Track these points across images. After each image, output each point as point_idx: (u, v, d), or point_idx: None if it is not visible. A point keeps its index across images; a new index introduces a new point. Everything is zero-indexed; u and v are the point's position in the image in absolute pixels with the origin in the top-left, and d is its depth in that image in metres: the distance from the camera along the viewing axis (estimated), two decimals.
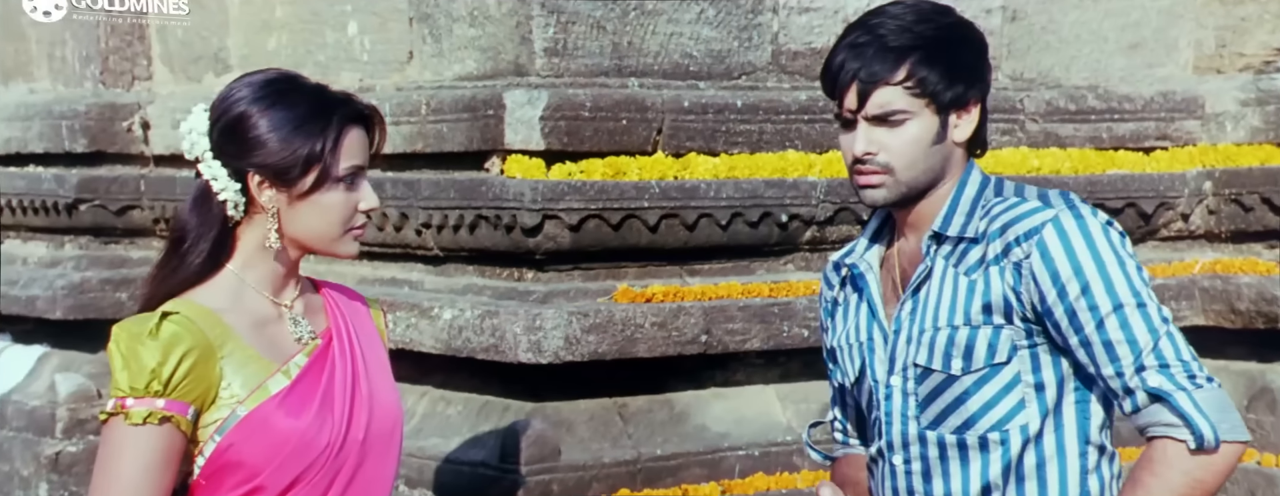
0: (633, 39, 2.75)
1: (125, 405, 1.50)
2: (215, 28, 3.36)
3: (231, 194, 1.56)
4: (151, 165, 3.45)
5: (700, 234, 2.72)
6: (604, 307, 2.62)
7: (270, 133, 1.54)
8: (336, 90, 1.60)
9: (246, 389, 1.53)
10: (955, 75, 1.55)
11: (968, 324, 1.54)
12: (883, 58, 1.53)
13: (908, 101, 1.54)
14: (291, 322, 1.60)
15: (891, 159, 1.54)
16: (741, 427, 2.80)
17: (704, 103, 2.76)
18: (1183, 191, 3.14)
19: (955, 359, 1.54)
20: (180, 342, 1.50)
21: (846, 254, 1.67)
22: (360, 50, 3.06)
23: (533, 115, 2.62)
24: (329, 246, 1.58)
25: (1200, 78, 3.29)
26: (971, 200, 1.58)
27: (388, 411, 1.63)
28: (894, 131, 1.54)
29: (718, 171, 2.72)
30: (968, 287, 1.54)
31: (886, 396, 1.59)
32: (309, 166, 1.54)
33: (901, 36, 1.53)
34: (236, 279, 1.57)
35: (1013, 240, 1.53)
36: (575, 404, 2.69)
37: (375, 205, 1.58)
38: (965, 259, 1.56)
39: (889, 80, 1.53)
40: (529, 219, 2.59)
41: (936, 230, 1.57)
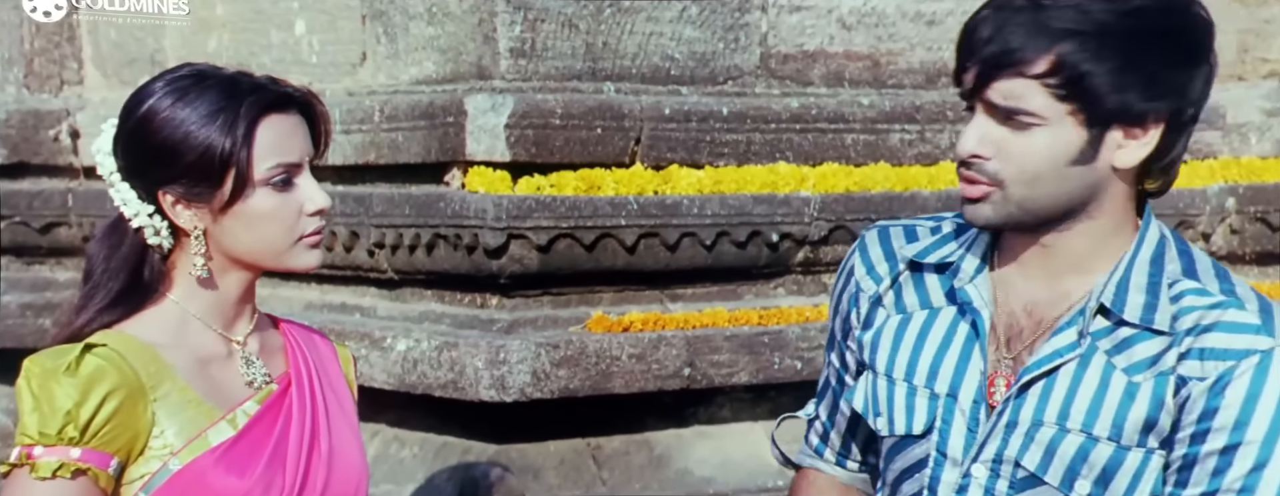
0: (608, 39, 2.58)
1: (32, 454, 1.30)
2: (150, 27, 3.15)
3: (145, 219, 1.36)
4: (81, 178, 3.27)
5: (682, 255, 2.55)
6: (576, 338, 2.44)
7: (171, 140, 1.33)
8: (259, 76, 1.37)
9: (182, 438, 1.34)
10: (1129, 80, 1.15)
11: (1115, 439, 1.19)
12: (1028, 33, 1.15)
13: (1044, 103, 1.16)
14: (243, 362, 1.40)
15: (1003, 168, 1.18)
16: (728, 471, 2.61)
17: (686, 110, 2.60)
18: (1203, 209, 2.98)
19: (1083, 480, 1.19)
20: (103, 380, 1.30)
21: (944, 260, 1.27)
22: (309, 51, 2.87)
23: (497, 123, 2.44)
24: (279, 261, 1.37)
25: (1220, 86, 3.13)
26: (1149, 269, 1.21)
27: (350, 472, 1.42)
28: (1016, 135, 1.18)
29: (702, 186, 2.56)
30: (1126, 391, 1.19)
31: (960, 488, 1.24)
32: (222, 172, 1.33)
33: (1066, 12, 1.15)
34: (179, 310, 1.38)
35: (1197, 349, 1.18)
36: (544, 445, 2.51)
37: (324, 205, 1.37)
38: (1131, 350, 1.20)
39: (1025, 69, 1.16)
40: (492, 239, 2.41)
41: (1106, 305, 1.20)
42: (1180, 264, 1.23)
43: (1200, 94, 1.21)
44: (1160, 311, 1.20)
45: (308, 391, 1.41)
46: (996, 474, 1.23)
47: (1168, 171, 1.22)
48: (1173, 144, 1.20)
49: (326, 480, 1.39)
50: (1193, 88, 1.20)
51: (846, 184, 2.67)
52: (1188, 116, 1.21)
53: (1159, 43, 1.17)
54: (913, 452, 1.28)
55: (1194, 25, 1.20)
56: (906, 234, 1.32)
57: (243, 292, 1.40)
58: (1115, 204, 1.22)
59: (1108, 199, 1.21)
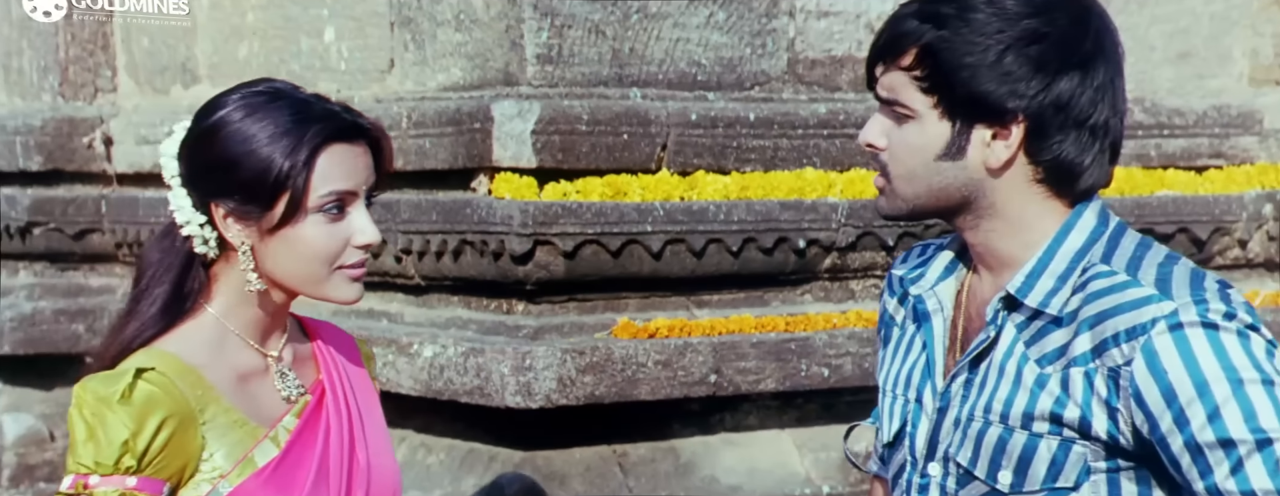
0: (634, 45, 2.58)
1: (89, 484, 1.30)
2: (182, 35, 3.18)
3: (195, 228, 1.35)
4: (114, 185, 3.29)
5: (709, 261, 2.53)
6: (602, 344, 2.43)
7: (232, 154, 1.32)
8: (334, 102, 1.37)
9: (230, 461, 1.34)
10: (987, 76, 1.16)
11: (1027, 428, 1.19)
12: (898, 30, 1.19)
13: (913, 95, 1.19)
14: (278, 376, 1.40)
15: (889, 162, 1.23)
16: (754, 479, 2.59)
17: (713, 115, 2.58)
18: (1240, 215, 2.93)
19: (1004, 470, 1.20)
20: (157, 409, 1.30)
21: (916, 272, 1.31)
22: (337, 58, 2.88)
23: (524, 129, 2.43)
24: (316, 290, 1.36)
25: (1257, 90, 3.09)
26: (1072, 257, 1.20)
27: (386, 480, 1.42)
28: (897, 127, 1.22)
29: (728, 191, 2.55)
30: (1037, 381, 1.19)
31: (922, 487, 1.26)
32: (275, 194, 1.32)
33: (945, 7, 1.17)
34: (218, 324, 1.37)
35: (1111, 337, 1.15)
36: (569, 452, 2.50)
37: (374, 240, 1.35)
38: (1043, 341, 1.20)
39: (897, 62, 1.19)
40: (519, 245, 2.40)
41: (1011, 293, 1.21)
42: (1104, 250, 1.21)
43: (1075, 98, 1.18)
44: (1059, 297, 1.19)
45: (341, 400, 1.41)
46: (946, 471, 1.24)
47: (1068, 173, 1.20)
48: (1048, 146, 1.18)
49: (366, 491, 1.39)
50: (1059, 89, 1.17)
51: (874, 190, 2.64)
52: (1062, 120, 1.18)
53: (1029, 43, 1.17)
54: (896, 459, 1.31)
55: (1076, 30, 1.19)
56: (918, 251, 1.35)
57: (279, 310, 1.39)
58: (1018, 202, 1.21)
59: (1005, 197, 1.21)
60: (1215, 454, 1.13)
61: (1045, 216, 1.22)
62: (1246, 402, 1.12)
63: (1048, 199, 1.22)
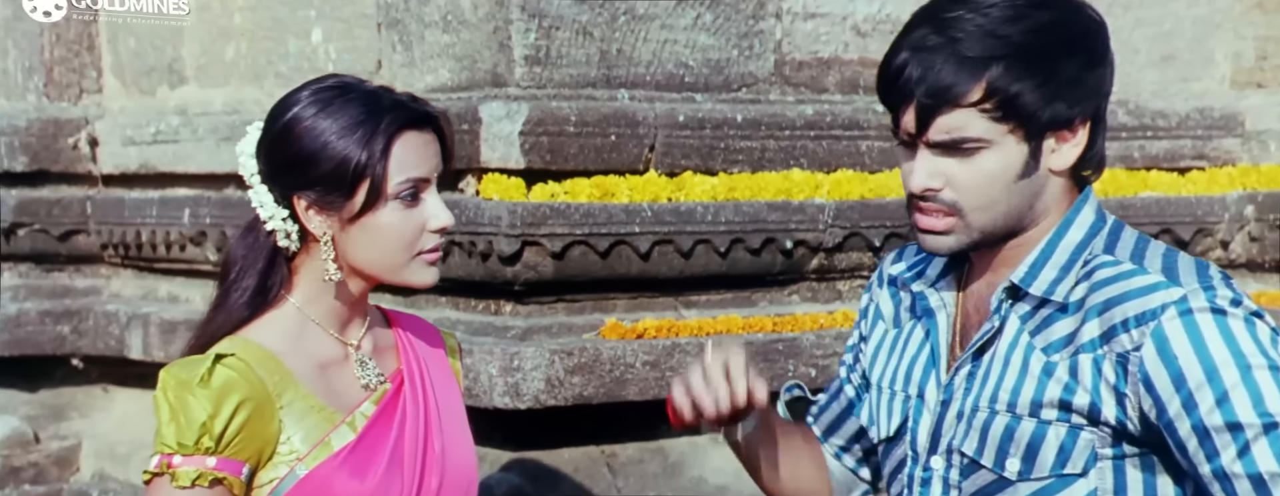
0: (622, 46, 2.58)
1: (172, 463, 1.36)
2: (169, 36, 3.17)
3: (278, 223, 1.41)
4: (99, 185, 3.28)
5: (697, 262, 2.54)
6: (590, 345, 2.43)
7: (310, 149, 1.38)
8: (399, 92, 1.42)
9: (307, 444, 1.38)
10: (1055, 90, 1.19)
11: (1036, 416, 1.21)
12: (955, 69, 1.20)
13: (985, 127, 1.20)
14: (358, 365, 1.44)
15: (960, 197, 1.22)
16: (742, 479, 2.58)
17: (701, 117, 2.59)
18: (1223, 216, 2.96)
19: (1012, 458, 1.22)
20: (234, 392, 1.36)
21: (914, 272, 1.33)
22: (325, 59, 2.88)
23: (511, 130, 2.44)
24: (396, 275, 1.41)
25: (1239, 93, 3.12)
26: (1073, 249, 1.24)
27: (463, 471, 1.45)
28: (965, 162, 1.22)
29: (716, 193, 2.55)
30: (1044, 369, 1.21)
31: (924, 481, 1.28)
32: (355, 183, 1.37)
33: (983, 41, 1.19)
34: (299, 314, 1.42)
35: (1120, 323, 1.18)
36: (558, 453, 2.50)
37: (448, 223, 1.41)
38: (1048, 330, 1.22)
39: (960, 101, 1.20)
40: (507, 245, 2.40)
41: (1016, 283, 1.24)
42: (1105, 242, 1.24)
43: (1110, 88, 1.26)
44: (1064, 285, 1.22)
45: (419, 390, 1.44)
46: (950, 463, 1.26)
47: (1100, 161, 1.26)
48: (1098, 137, 1.24)
49: (441, 480, 1.41)
50: (1106, 84, 1.24)
51: (861, 191, 2.66)
52: (1105, 110, 1.25)
53: (1070, 51, 1.22)
54: (895, 454, 1.33)
55: (1094, 28, 1.25)
56: (914, 249, 1.36)
57: (359, 299, 1.43)
58: (1055, 200, 1.25)
59: (1051, 200, 1.25)
60: (1223, 437, 1.15)
61: (1058, 205, 1.26)
62: (1254, 387, 1.14)
63: (1070, 191, 1.26)
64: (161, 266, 3.14)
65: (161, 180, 3.14)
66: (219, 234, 2.90)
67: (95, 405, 3.23)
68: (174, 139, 3.09)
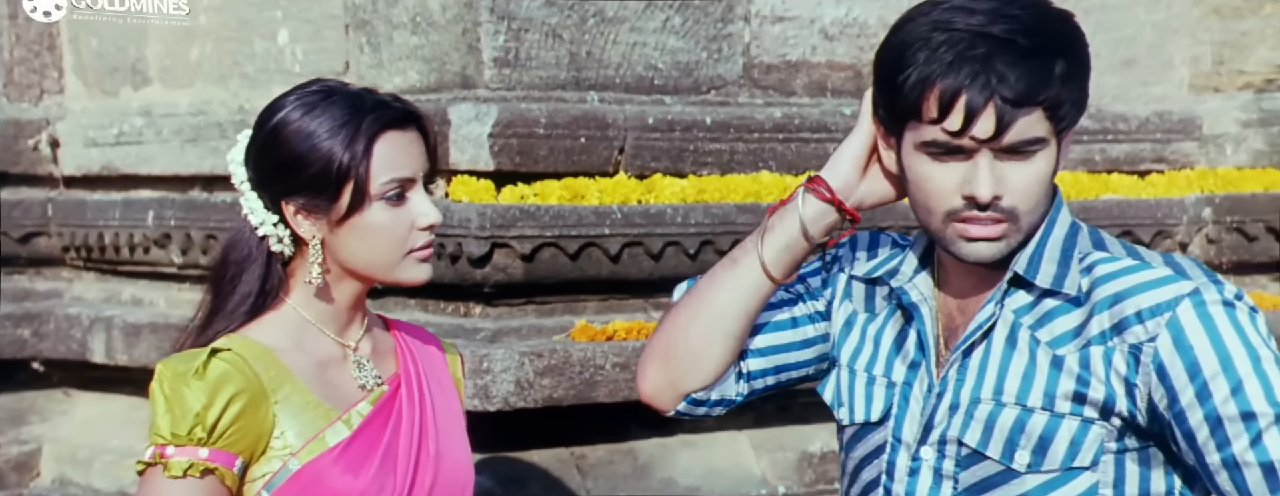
0: (592, 49, 2.58)
1: (165, 454, 1.36)
2: (132, 36, 3.14)
3: (270, 228, 1.42)
4: (61, 187, 3.24)
5: (667, 263, 2.55)
6: (560, 347, 2.43)
7: (295, 153, 1.39)
8: (382, 93, 1.43)
9: (301, 439, 1.39)
10: (1085, 88, 1.22)
11: (1049, 409, 1.22)
12: (1029, 70, 1.17)
13: (1044, 128, 1.19)
14: (355, 366, 1.45)
15: (1017, 202, 1.21)
16: (711, 480, 2.61)
17: (670, 119, 2.60)
18: (1181, 218, 3.00)
19: (1022, 450, 1.22)
20: (229, 384, 1.36)
21: (884, 269, 1.32)
22: (292, 60, 2.86)
23: (481, 132, 2.43)
24: (389, 274, 1.42)
25: (1197, 97, 3.17)
26: (1062, 245, 1.25)
27: (457, 473, 1.47)
28: (1023, 165, 1.20)
29: (686, 194, 2.56)
30: (1053, 363, 1.22)
31: (912, 471, 1.28)
32: (340, 185, 1.38)
33: (1035, 37, 1.17)
34: (297, 316, 1.43)
35: (1133, 315, 1.20)
36: (527, 455, 2.50)
37: (436, 220, 1.42)
38: (1052, 323, 1.24)
39: (1037, 100, 1.18)
40: (476, 248, 2.40)
41: (1020, 273, 1.24)
42: (1090, 240, 1.27)
43: None
44: (1070, 278, 1.23)
45: (417, 392, 1.44)
46: (943, 454, 1.26)
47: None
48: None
49: (434, 480, 1.42)
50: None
51: None
52: None
53: (1085, 48, 1.24)
54: (872, 439, 1.32)
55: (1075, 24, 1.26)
56: (866, 242, 1.38)
57: (354, 300, 1.44)
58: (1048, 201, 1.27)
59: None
60: (1235, 426, 1.17)
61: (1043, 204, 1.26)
62: (1265, 378, 1.17)
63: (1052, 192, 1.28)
64: (125, 269, 3.11)
65: (125, 182, 3.11)
66: (184, 236, 2.88)
67: (56, 409, 3.19)
68: (138, 140, 3.05)
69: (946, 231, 1.24)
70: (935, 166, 1.22)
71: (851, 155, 1.33)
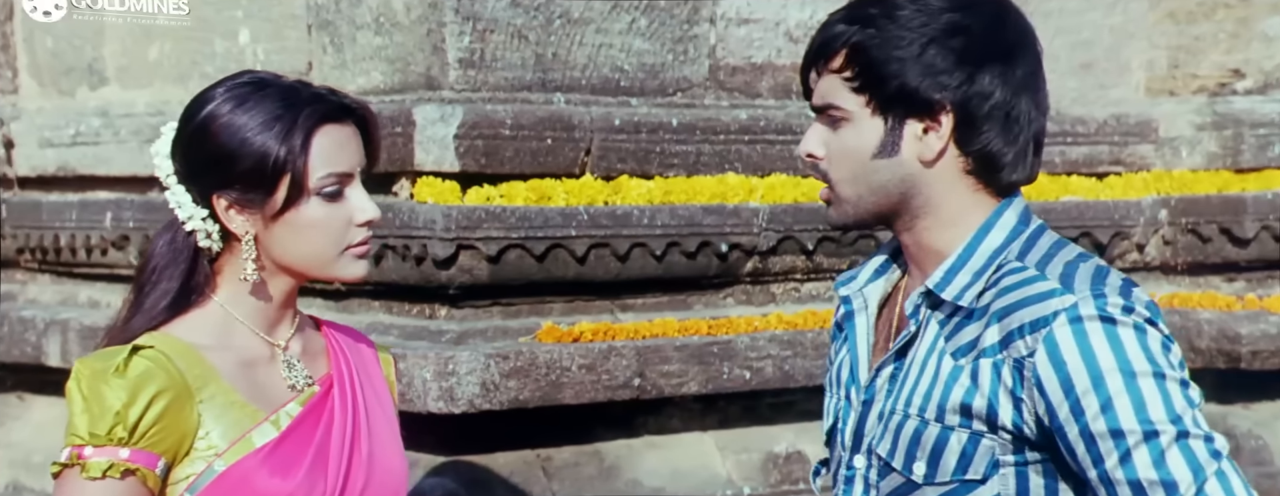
0: (558, 50, 2.58)
1: (82, 455, 1.31)
2: (89, 35, 3.09)
3: (199, 223, 1.37)
4: (15, 188, 3.19)
5: (633, 265, 2.55)
6: (526, 348, 2.43)
7: (227, 146, 1.34)
8: (318, 86, 1.39)
9: (227, 440, 1.35)
10: (913, 71, 1.21)
11: (940, 420, 1.23)
12: (823, 36, 1.25)
13: (845, 96, 1.24)
14: (285, 366, 1.41)
15: (829, 168, 1.27)
16: (677, 481, 2.61)
17: (636, 121, 2.60)
18: (1138, 220, 3.05)
19: (919, 461, 1.23)
20: (151, 382, 1.31)
21: (848, 278, 1.36)
22: (253, 60, 2.84)
23: (446, 133, 2.42)
24: (325, 270, 1.38)
25: (1153, 100, 3.22)
26: (990, 255, 1.24)
27: (390, 476, 1.42)
28: (833, 133, 1.26)
29: (652, 196, 2.57)
30: (951, 374, 1.23)
31: (848, 479, 1.31)
32: (275, 180, 1.34)
33: (869, 8, 1.23)
34: (224, 313, 1.39)
35: (1016, 329, 1.19)
36: (493, 457, 2.50)
37: (375, 216, 1.37)
38: (958, 335, 1.24)
39: (827, 66, 1.24)
40: (441, 249, 2.39)
41: (930, 288, 1.25)
42: (1019, 248, 1.26)
43: (998, 88, 1.23)
44: (972, 290, 1.23)
45: (349, 393, 1.41)
46: (870, 463, 1.28)
47: (995, 163, 1.24)
48: (977, 137, 1.23)
49: (366, 481, 1.39)
50: (983, 80, 1.22)
51: (795, 195, 2.69)
52: (988, 110, 1.23)
53: (951, 36, 1.22)
54: (834, 451, 1.35)
55: (997, 24, 1.24)
56: (858, 268, 1.39)
57: (286, 298, 1.40)
58: (952, 197, 1.25)
59: (940, 193, 1.25)
60: (1106, 443, 1.17)
61: (973, 211, 1.26)
62: (1137, 395, 1.16)
63: (976, 191, 1.26)
64: (81, 271, 3.06)
65: (81, 183, 3.06)
66: (142, 237, 2.84)
67: (10, 413, 3.14)
68: (94, 141, 3.01)
69: None
70: None
71: None
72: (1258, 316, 2.96)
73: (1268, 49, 3.19)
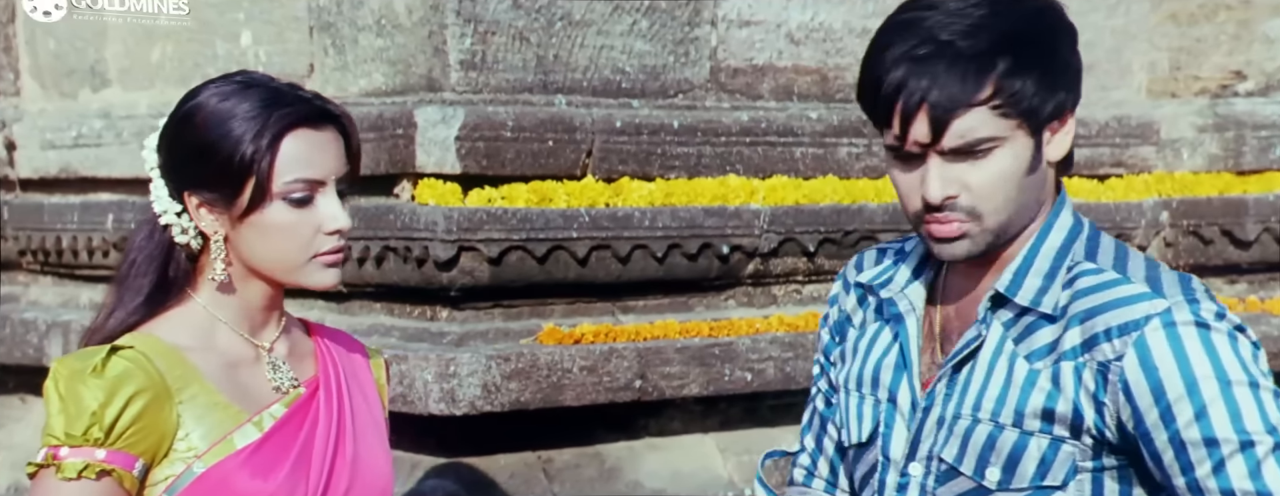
0: (559, 52, 2.58)
1: (58, 455, 1.29)
2: (91, 37, 3.10)
3: (173, 218, 1.36)
4: (17, 190, 3.20)
5: (634, 267, 2.56)
6: (527, 350, 2.43)
7: (201, 143, 1.33)
8: (305, 90, 1.37)
9: (207, 441, 1.33)
10: (1053, 79, 1.19)
11: (1018, 426, 1.21)
12: (960, 71, 1.17)
13: (996, 125, 1.19)
14: (270, 367, 1.39)
15: (977, 202, 1.20)
16: (678, 483, 2.61)
17: (638, 123, 2.61)
18: (1140, 222, 3.05)
19: (992, 467, 1.21)
20: (129, 382, 1.30)
21: (884, 276, 1.32)
22: (255, 62, 2.84)
23: (447, 135, 2.42)
24: (291, 276, 1.35)
25: (1154, 102, 3.22)
26: (1055, 255, 1.23)
27: (375, 479, 1.40)
28: (978, 165, 1.20)
29: (653, 198, 2.57)
30: (1027, 378, 1.21)
31: (901, 487, 1.27)
32: (241, 180, 1.32)
33: (977, 37, 1.18)
34: (206, 313, 1.37)
35: (1102, 332, 1.18)
36: (494, 459, 2.50)
37: (344, 226, 1.34)
38: (1032, 337, 1.22)
39: (974, 101, 1.18)
40: (443, 251, 2.39)
41: (1001, 292, 1.23)
42: (1084, 248, 1.25)
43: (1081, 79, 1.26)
44: (1051, 294, 1.21)
45: (335, 396, 1.39)
46: (928, 470, 1.25)
47: (1071, 157, 1.26)
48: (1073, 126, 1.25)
49: (350, 485, 1.37)
50: (1081, 71, 1.25)
51: (796, 196, 2.70)
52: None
53: (1056, 36, 1.22)
54: (866, 459, 1.32)
55: (1062, 14, 1.25)
56: (875, 256, 1.36)
57: (268, 300, 1.38)
58: (1048, 195, 1.25)
59: (1044, 192, 1.25)
60: (1198, 451, 1.16)
61: (1045, 207, 1.25)
62: (1233, 404, 1.15)
63: (1052, 187, 1.26)
64: (83, 273, 3.06)
65: (83, 185, 3.06)
66: None
67: (12, 415, 3.14)
68: (96, 143, 3.02)
69: (922, 231, 1.24)
70: (900, 173, 1.24)
71: None
72: (1259, 319, 2.96)
73: (1269, 51, 3.19)
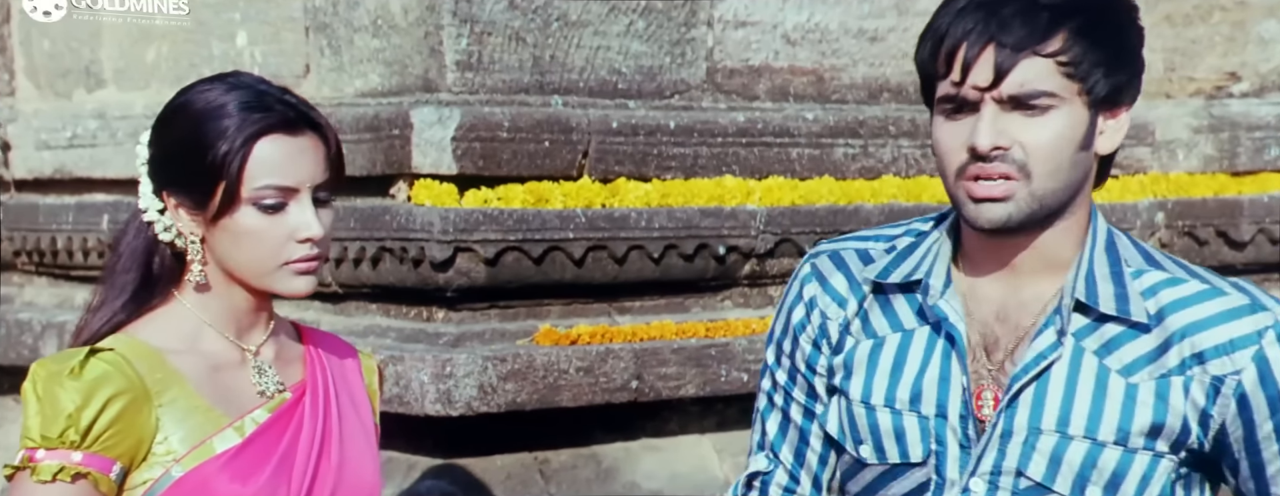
0: (555, 53, 2.58)
1: (34, 457, 1.28)
2: (86, 37, 3.09)
3: (155, 214, 1.36)
4: (12, 191, 3.19)
5: (630, 268, 2.55)
6: (523, 351, 2.43)
7: (180, 143, 1.33)
8: (291, 95, 1.36)
9: (186, 445, 1.31)
10: (1120, 60, 1.15)
11: (1122, 444, 1.17)
12: (1032, 18, 1.13)
13: (1058, 83, 1.13)
14: (256, 371, 1.37)
15: (1029, 158, 1.14)
16: (675, 484, 2.61)
17: (634, 123, 2.60)
18: (1135, 223, 3.06)
19: (1094, 486, 1.17)
20: (107, 384, 1.29)
21: (909, 273, 1.23)
22: (250, 63, 2.84)
23: (443, 136, 2.42)
24: (262, 282, 1.34)
25: (1149, 103, 3.22)
26: (1106, 256, 1.19)
27: (361, 485, 1.38)
28: (1033, 121, 1.13)
29: (649, 199, 2.57)
30: (1127, 394, 1.17)
31: None
32: (212, 183, 1.31)
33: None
34: (191, 315, 1.36)
35: (1212, 347, 1.17)
36: (490, 460, 2.49)
37: (316, 234, 1.32)
38: (1121, 350, 1.18)
39: (1041, 49, 1.13)
40: (439, 252, 2.39)
41: (1081, 300, 1.18)
42: (1136, 252, 1.22)
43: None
44: (1133, 302, 1.18)
45: (321, 402, 1.38)
46: (995, 486, 1.20)
47: (1111, 160, 1.22)
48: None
49: (334, 492, 1.36)
50: (1143, 70, 1.21)
51: (792, 197, 2.70)
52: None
53: (1127, 25, 1.19)
54: (912, 477, 1.25)
55: (1136, 9, 1.22)
56: (861, 257, 1.29)
57: (251, 303, 1.36)
58: (1086, 195, 1.21)
59: (1087, 191, 1.21)
60: None
61: (1087, 213, 1.22)
62: None
63: (1091, 186, 1.23)
64: (78, 274, 3.06)
65: (78, 185, 3.06)
66: None
67: (7, 416, 3.13)
68: (92, 143, 3.01)
69: (959, 193, 1.17)
70: (947, 125, 1.17)
71: None
72: None
73: (1264, 52, 3.19)
